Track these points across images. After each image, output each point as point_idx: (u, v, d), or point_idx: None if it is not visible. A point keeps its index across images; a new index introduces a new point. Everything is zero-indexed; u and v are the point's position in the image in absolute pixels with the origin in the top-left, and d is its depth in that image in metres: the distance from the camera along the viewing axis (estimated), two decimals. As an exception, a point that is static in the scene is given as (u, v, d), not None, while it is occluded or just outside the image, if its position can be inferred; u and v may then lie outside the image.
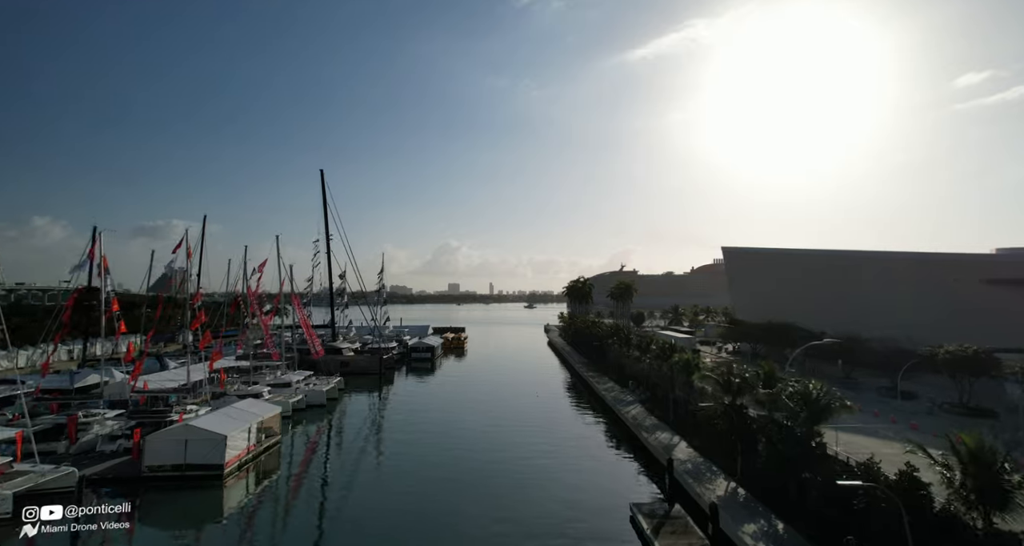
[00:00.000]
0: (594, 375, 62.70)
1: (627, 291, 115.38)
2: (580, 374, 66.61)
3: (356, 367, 68.59)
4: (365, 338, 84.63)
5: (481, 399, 56.49)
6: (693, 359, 36.86)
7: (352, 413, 50.20)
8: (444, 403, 54.83)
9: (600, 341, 66.71)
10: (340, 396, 55.45)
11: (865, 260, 65.63)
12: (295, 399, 45.28)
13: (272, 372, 51.24)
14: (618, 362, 60.22)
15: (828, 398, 21.26)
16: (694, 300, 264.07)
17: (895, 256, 64.94)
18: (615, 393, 51.39)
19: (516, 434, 40.92)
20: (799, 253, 69.71)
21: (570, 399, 56.19)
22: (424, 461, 34.20)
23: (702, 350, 76.17)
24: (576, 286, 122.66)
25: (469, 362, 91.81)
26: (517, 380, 69.26)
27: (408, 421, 46.26)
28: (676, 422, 37.50)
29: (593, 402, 52.94)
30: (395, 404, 55.96)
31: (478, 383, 67.89)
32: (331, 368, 66.98)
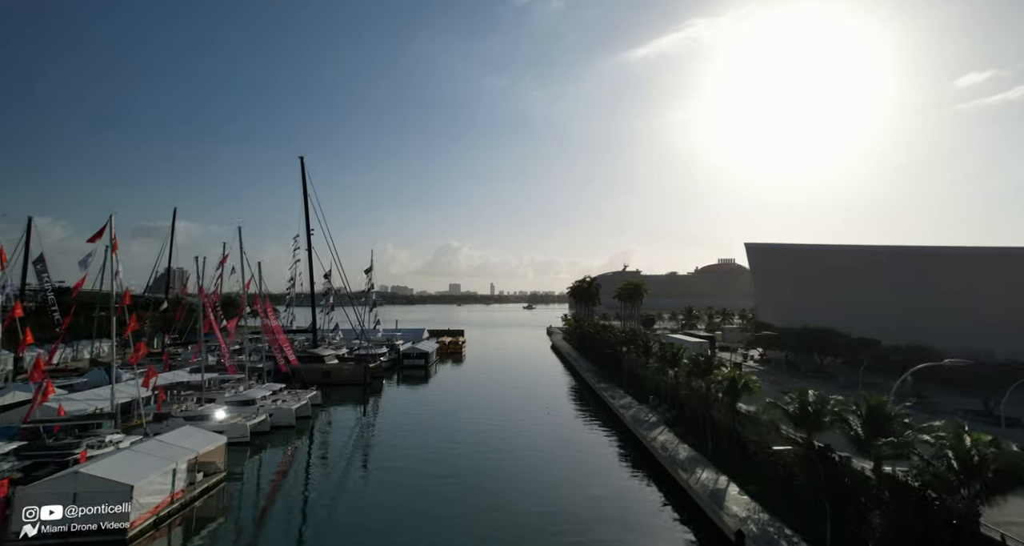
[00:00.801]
0: (606, 387, 55.33)
1: (636, 292, 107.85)
2: (590, 385, 59.23)
3: (338, 377, 61.32)
4: (353, 344, 77.35)
5: (479, 416, 49.15)
6: (741, 377, 29.48)
7: (326, 435, 42.82)
8: (436, 420, 47.54)
9: (613, 348, 59.35)
10: (316, 413, 48.15)
11: (927, 257, 56.73)
12: (255, 421, 37.93)
13: (235, 387, 43.85)
14: (634, 372, 52.88)
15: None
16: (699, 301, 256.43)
17: (972, 252, 55.71)
18: (634, 410, 44.02)
19: (522, 464, 33.61)
20: (836, 250, 62.18)
21: (581, 416, 48.78)
22: (405, 501, 26.93)
23: (721, 357, 68.86)
24: (581, 287, 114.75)
25: (467, 369, 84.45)
26: (520, 391, 61.92)
27: (392, 445, 38.97)
28: (718, 455, 30.16)
29: (608, 420, 45.59)
30: (380, 421, 48.65)
31: (476, 394, 60.53)
32: (310, 378, 59.71)
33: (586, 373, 65.42)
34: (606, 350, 58.58)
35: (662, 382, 44.50)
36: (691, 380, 37.47)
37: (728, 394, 29.74)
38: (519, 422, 46.33)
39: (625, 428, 41.06)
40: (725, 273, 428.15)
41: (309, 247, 64.05)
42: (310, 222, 63.63)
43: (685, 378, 37.51)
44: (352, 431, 44.51)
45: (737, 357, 70.27)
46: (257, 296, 45.70)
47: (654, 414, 42.38)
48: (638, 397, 48.39)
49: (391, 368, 76.64)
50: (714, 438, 31.28)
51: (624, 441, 38.90)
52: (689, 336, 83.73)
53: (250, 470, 33.48)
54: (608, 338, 61.67)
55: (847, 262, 59.43)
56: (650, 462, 33.09)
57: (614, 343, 59.42)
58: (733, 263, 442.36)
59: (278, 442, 38.99)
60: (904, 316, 49.27)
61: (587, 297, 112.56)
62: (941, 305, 51.16)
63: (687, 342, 72.77)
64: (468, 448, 37.71)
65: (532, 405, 52.82)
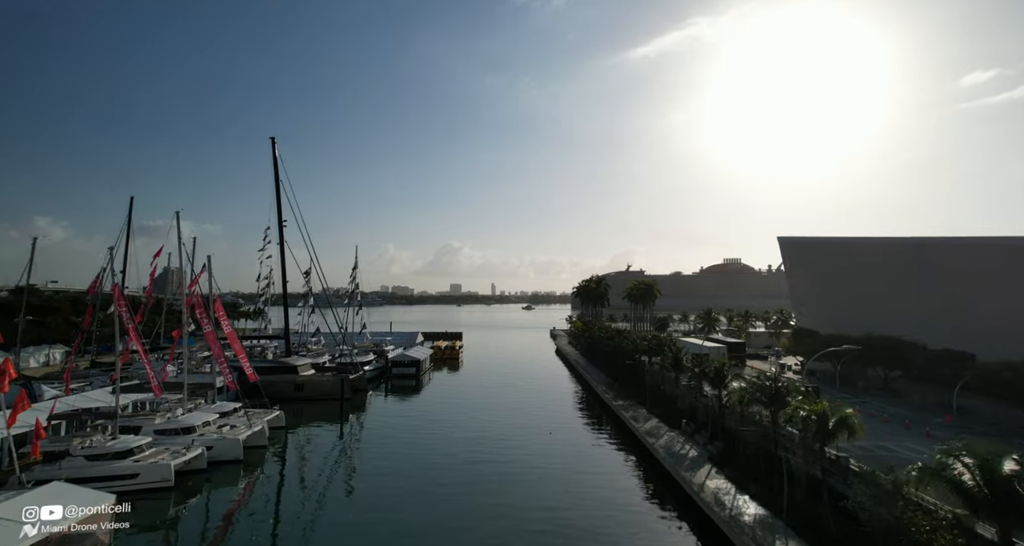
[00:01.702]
0: (625, 404, 47.02)
1: (648, 293, 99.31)
2: (604, 401, 50.91)
3: (314, 391, 53.14)
4: (338, 350, 69.10)
5: (475, 436, 40.96)
6: (835, 411, 21.10)
7: (283, 469, 34.49)
8: (423, 444, 39.36)
9: (632, 358, 51.02)
10: (278, 438, 39.92)
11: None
12: (186, 457, 29.56)
13: (170, 411, 35.42)
14: (660, 388, 44.56)
15: None
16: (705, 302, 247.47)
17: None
18: (665, 439, 35.70)
19: (526, 514, 25.31)
20: (902, 244, 53.16)
21: (595, 441, 40.45)
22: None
23: (755, 367, 60.50)
24: (588, 287, 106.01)
25: (464, 378, 76.16)
26: (522, 405, 53.63)
27: (367, 481, 30.89)
28: (796, 516, 21.82)
29: (630, 446, 37.33)
30: (355, 447, 40.45)
31: (473, 409, 52.23)
32: (280, 393, 51.54)
33: (598, 385, 57.07)
34: (625, 361, 50.27)
35: (699, 403, 36.16)
36: (745, 407, 29.18)
37: (817, 435, 21.39)
38: (521, 449, 38.04)
39: (655, 462, 32.78)
40: (731, 273, 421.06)
41: (281, 240, 55.91)
42: (282, 212, 55.53)
43: (738, 404, 29.13)
44: (318, 462, 36.17)
45: (770, 366, 61.84)
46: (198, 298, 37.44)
47: (691, 444, 34.07)
48: (667, 420, 40.09)
49: (378, 378, 68.42)
50: (789, 490, 22.96)
51: (657, 482, 30.57)
52: (712, 341, 75.38)
53: (158, 531, 25.10)
54: (626, 346, 53.42)
55: (911, 257, 50.62)
56: (697, 517, 24.76)
57: (633, 352, 51.10)
58: (739, 263, 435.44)
59: (218, 482, 30.67)
60: (1001, 324, 40.87)
61: (595, 298, 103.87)
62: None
63: (704, 348, 64.60)
64: (457, 489, 29.49)
65: (536, 424, 44.52)
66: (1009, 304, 43.42)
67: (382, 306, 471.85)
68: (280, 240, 56.15)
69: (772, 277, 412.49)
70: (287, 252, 57.18)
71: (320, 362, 63.88)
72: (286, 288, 57.60)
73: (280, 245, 56.14)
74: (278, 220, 56.18)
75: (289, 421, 46.81)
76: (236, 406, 39.72)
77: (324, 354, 67.61)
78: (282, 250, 56.03)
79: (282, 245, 56.06)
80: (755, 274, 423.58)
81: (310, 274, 68.35)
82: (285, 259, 55.99)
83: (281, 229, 56.18)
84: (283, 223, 56.33)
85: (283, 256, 56.00)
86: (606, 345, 60.24)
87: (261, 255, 56.64)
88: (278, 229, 56.15)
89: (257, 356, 55.06)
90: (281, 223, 56.23)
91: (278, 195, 55.86)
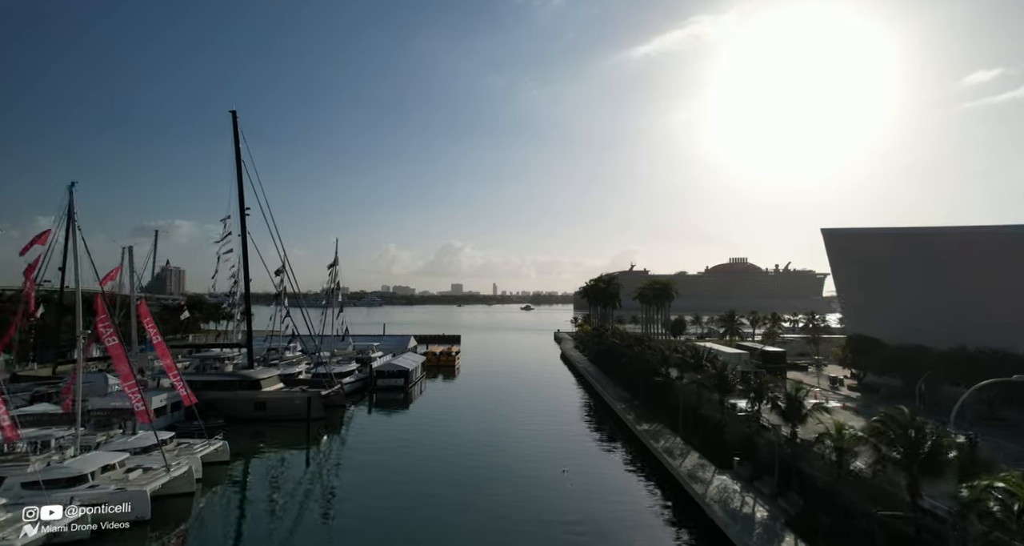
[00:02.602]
0: (651, 429, 38.46)
1: (663, 293, 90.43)
2: (625, 423, 42.33)
3: (277, 409, 44.65)
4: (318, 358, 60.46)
5: (468, 472, 32.52)
6: None
7: (211, 526, 25.92)
8: (405, 480, 31.02)
9: (657, 371, 42.43)
10: (218, 475, 31.43)
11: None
12: (48, 531, 20.74)
13: (61, 450, 26.71)
14: (697, 411, 35.98)
15: None
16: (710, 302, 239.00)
17: None
18: (716, 485, 27.09)
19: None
20: (988, 233, 43.97)
21: (620, 481, 31.91)
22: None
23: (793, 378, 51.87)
24: (597, 286, 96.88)
25: (460, 388, 67.66)
26: (527, 426, 45.12)
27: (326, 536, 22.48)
28: None
29: (668, 491, 28.78)
30: (322, 482, 32.12)
31: (468, 432, 43.75)
32: (237, 413, 43.18)
33: (616, 402, 48.45)
34: (653, 377, 41.49)
35: (761, 438, 27.54)
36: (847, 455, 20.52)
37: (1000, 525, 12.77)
38: (526, 492, 29.54)
39: (705, 521, 24.25)
40: (738, 273, 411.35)
41: (243, 230, 47.38)
42: (245, 198, 47.04)
43: (837, 452, 20.43)
44: (263, 509, 27.61)
45: (817, 380, 53.07)
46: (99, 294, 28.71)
47: (754, 496, 25.48)
48: (711, 454, 31.51)
49: (361, 390, 59.91)
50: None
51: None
52: (737, 348, 66.77)
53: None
54: (651, 357, 44.73)
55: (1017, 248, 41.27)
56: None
57: (660, 363, 42.45)
58: (745, 262, 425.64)
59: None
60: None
61: (605, 299, 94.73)
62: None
63: (736, 356, 56.06)
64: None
65: (543, 453, 35.96)
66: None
67: (381, 306, 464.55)
68: (242, 230, 47.73)
69: (779, 277, 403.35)
70: (251, 246, 48.73)
71: (294, 373, 55.41)
72: (248, 287, 49.13)
73: (243, 237, 47.70)
74: (240, 207, 47.73)
75: (244, 448, 38.50)
76: (168, 436, 31.18)
77: (300, 363, 59.16)
78: (244, 242, 47.58)
79: (244, 237, 47.63)
80: (762, 274, 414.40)
81: (283, 272, 59.93)
82: (247, 253, 47.63)
83: (243, 218, 47.72)
84: (246, 211, 47.89)
85: (245, 249, 47.55)
86: (624, 354, 51.66)
87: (220, 248, 48.37)
88: (240, 218, 47.70)
89: (212, 369, 46.74)
90: (243, 211, 47.77)
91: (240, 178, 47.44)
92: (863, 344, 44.60)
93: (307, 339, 55.80)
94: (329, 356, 60.92)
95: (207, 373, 46.08)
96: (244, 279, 48.45)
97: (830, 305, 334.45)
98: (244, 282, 48.60)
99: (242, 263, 47.96)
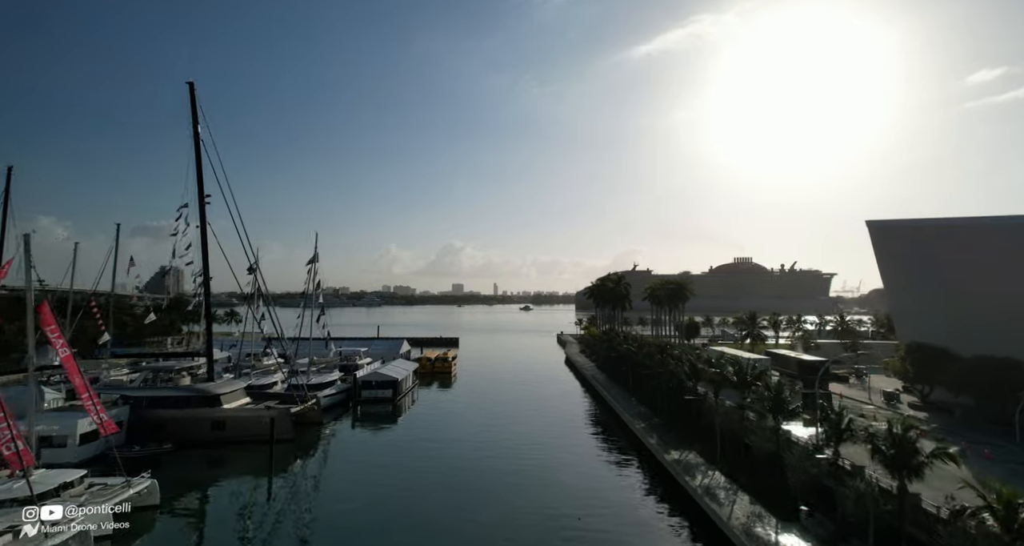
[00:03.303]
0: (682, 459, 31.82)
1: (678, 293, 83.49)
2: (648, 448, 35.63)
3: (239, 429, 38.02)
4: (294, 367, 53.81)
5: (463, 512, 25.90)
6: None
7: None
8: (383, 528, 24.46)
9: (695, 392, 35.66)
10: (144, 523, 24.84)
11: None
12: None
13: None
14: (740, 439, 29.35)
15: None
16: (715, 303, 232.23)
17: None
18: (771, 539, 20.48)
19: None
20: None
21: (649, 536, 25.28)
22: None
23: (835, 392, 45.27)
24: (606, 286, 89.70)
25: (456, 399, 61.00)
26: (530, 450, 38.53)
27: None
28: None
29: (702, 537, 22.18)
30: (278, 530, 25.44)
31: (463, 457, 37.15)
32: (191, 436, 36.66)
33: (635, 420, 41.75)
34: (687, 397, 34.46)
35: (844, 489, 20.80)
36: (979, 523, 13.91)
37: None
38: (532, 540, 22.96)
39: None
40: (742, 273, 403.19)
41: (203, 221, 40.65)
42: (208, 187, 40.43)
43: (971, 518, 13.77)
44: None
45: (867, 394, 46.17)
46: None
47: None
48: (765, 497, 24.89)
49: (345, 403, 53.32)
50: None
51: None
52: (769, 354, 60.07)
53: None
54: (675, 369, 37.81)
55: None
56: None
57: (691, 378, 35.66)
58: (750, 262, 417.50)
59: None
60: None
61: (614, 299, 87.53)
62: None
63: (743, 359, 49.45)
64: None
65: (552, 492, 29.35)
66: None
67: (380, 306, 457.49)
68: (202, 221, 41.08)
69: (786, 277, 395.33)
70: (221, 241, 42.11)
71: (267, 384, 48.87)
72: (208, 288, 42.40)
73: (202, 228, 41.05)
74: (199, 194, 41.10)
75: (193, 478, 32.14)
76: (75, 476, 24.58)
77: (278, 372, 52.51)
78: (204, 234, 40.89)
79: (204, 229, 40.96)
80: (768, 274, 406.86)
81: (256, 271, 53.30)
82: (207, 247, 40.97)
83: (203, 207, 41.12)
84: (206, 198, 41.27)
85: (204, 242, 40.85)
86: (641, 364, 44.94)
87: (176, 242, 41.60)
88: (200, 207, 41.09)
89: (164, 382, 39.99)
90: (203, 198, 41.15)
91: (198, 159, 40.80)
92: (927, 355, 37.83)
93: (278, 344, 49.15)
94: (307, 364, 54.26)
95: (156, 387, 39.47)
96: (204, 280, 41.77)
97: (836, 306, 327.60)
98: (204, 283, 41.90)
99: (203, 260, 41.26)
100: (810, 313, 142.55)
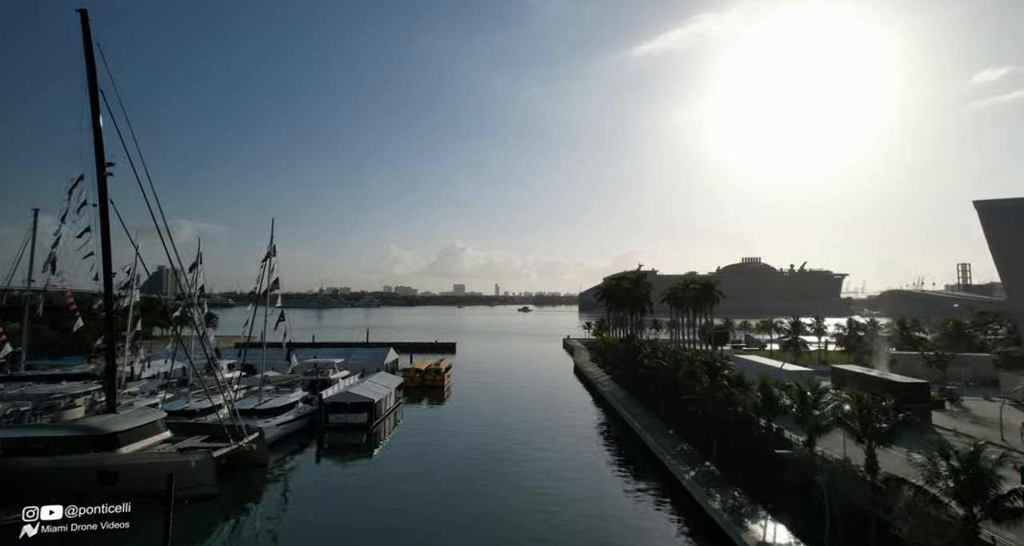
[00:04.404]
0: (762, 528, 21.11)
1: (706, 294, 72.52)
2: (707, 511, 25.00)
3: (137, 482, 27.24)
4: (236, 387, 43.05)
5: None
6: None
7: None
8: None
9: (770, 431, 25.05)
10: None
11: None
12: None
13: None
14: (856, 505, 18.65)
15: None
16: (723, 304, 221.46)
17: None
18: None
19: None
20: None
21: None
22: None
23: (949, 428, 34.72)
24: (622, 286, 78.17)
25: (448, 422, 50.27)
26: (543, 502, 27.86)
27: None
28: None
29: None
30: None
31: (453, 501, 26.54)
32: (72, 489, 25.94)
33: (678, 464, 31.07)
34: (761, 447, 23.68)
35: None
36: None
37: None
38: None
39: None
40: (751, 273, 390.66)
41: (104, 197, 29.97)
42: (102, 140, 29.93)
43: None
44: None
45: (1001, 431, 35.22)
46: None
47: None
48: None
49: (305, 430, 42.78)
50: None
51: None
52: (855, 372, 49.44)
53: None
54: (742, 403, 27.06)
55: None
56: None
57: (753, 410, 24.94)
58: (759, 262, 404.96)
59: None
60: None
61: (632, 301, 76.05)
62: None
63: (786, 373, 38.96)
64: None
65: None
66: None
67: (380, 307, 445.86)
68: (102, 196, 30.52)
69: (795, 277, 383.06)
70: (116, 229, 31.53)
71: (210, 408, 38.10)
72: (110, 284, 31.67)
73: (101, 207, 30.53)
74: (98, 162, 30.59)
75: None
76: None
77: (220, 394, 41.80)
78: (104, 212, 30.22)
79: (104, 207, 30.42)
80: (777, 274, 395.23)
81: (199, 268, 42.74)
82: (109, 233, 30.45)
83: (103, 179, 30.61)
84: (108, 168, 30.82)
85: (105, 224, 30.23)
86: (683, 386, 34.23)
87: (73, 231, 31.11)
88: (99, 179, 30.57)
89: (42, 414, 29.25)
90: (104, 167, 30.69)
91: (95, 114, 30.28)
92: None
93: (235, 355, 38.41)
94: (261, 381, 43.51)
95: (25, 426, 28.86)
96: (104, 276, 31.08)
97: (848, 307, 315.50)
98: (105, 279, 31.26)
99: (103, 249, 30.66)
100: (824, 315, 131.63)
